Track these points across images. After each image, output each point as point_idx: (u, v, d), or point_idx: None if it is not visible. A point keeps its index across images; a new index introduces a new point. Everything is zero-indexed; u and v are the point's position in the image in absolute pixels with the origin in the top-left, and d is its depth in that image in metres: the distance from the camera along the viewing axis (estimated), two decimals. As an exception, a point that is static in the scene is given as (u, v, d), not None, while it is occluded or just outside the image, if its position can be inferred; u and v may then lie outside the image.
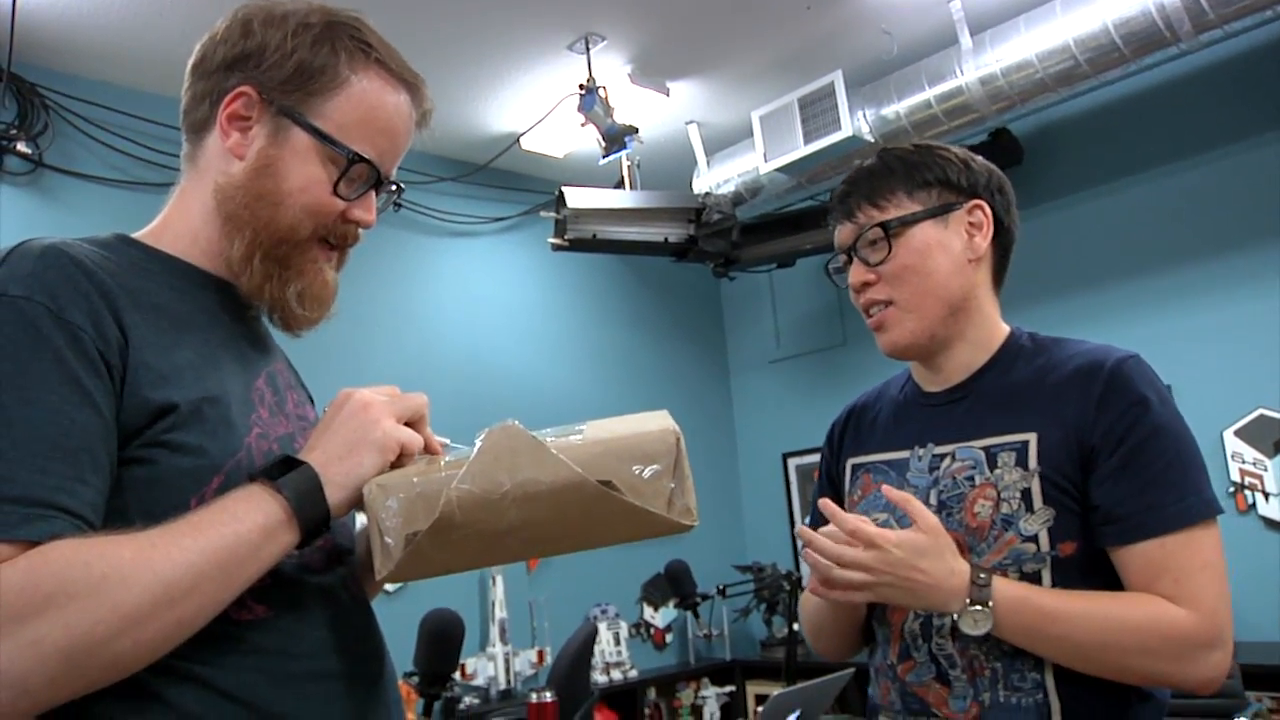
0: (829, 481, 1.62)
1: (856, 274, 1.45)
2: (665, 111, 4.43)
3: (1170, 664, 1.23)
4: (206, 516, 0.87)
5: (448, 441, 1.11)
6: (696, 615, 3.56)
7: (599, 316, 5.29)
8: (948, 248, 1.41)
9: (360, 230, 1.12)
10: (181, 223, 1.09)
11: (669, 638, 5.12)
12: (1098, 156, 4.36)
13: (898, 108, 3.96)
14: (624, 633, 4.84)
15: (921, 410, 1.49)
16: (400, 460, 0.98)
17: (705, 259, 4.62)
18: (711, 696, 4.87)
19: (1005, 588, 1.25)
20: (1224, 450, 3.90)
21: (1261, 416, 3.84)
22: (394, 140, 1.10)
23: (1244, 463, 3.87)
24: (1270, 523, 3.81)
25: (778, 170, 4.19)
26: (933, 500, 1.38)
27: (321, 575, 1.04)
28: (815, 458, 1.51)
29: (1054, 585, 1.29)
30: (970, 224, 1.43)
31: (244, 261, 1.05)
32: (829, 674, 2.33)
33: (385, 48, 1.10)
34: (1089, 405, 1.30)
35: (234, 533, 0.86)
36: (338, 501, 0.93)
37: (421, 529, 0.91)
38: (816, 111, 3.97)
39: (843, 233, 1.48)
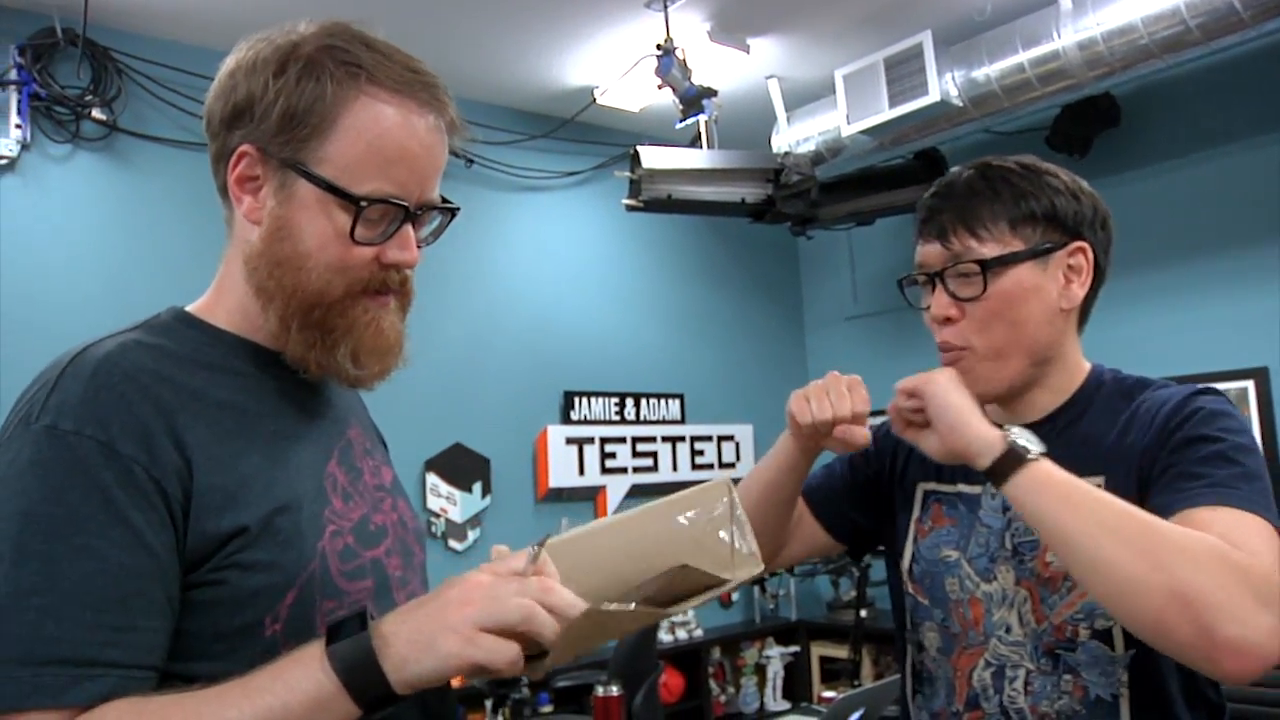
0: (851, 468, 1.58)
1: (940, 306, 1.34)
2: (744, 68, 4.29)
3: (1219, 590, 1.01)
4: (261, 681, 0.83)
5: (564, 523, 1.10)
6: (764, 590, 3.57)
7: (673, 271, 5.22)
8: (1043, 294, 1.31)
9: (409, 272, 1.03)
10: (230, 295, 1.03)
11: (735, 596, 5.14)
12: (1201, 120, 4.11)
13: (988, 70, 3.77)
14: (690, 591, 4.86)
15: None
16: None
17: (783, 219, 4.51)
18: (776, 656, 4.90)
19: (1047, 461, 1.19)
20: (1321, 436, 3.75)
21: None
22: (412, 164, 0.97)
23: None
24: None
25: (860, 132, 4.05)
26: (1007, 544, 1.33)
27: None
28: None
29: (1127, 644, 1.23)
30: (1069, 267, 1.32)
31: (282, 334, 0.99)
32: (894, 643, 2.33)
33: (378, 62, 0.96)
34: (1152, 431, 1.24)
35: (283, 704, 0.82)
36: (403, 680, 0.82)
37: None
38: (903, 73, 3.81)
39: (929, 253, 1.36)
